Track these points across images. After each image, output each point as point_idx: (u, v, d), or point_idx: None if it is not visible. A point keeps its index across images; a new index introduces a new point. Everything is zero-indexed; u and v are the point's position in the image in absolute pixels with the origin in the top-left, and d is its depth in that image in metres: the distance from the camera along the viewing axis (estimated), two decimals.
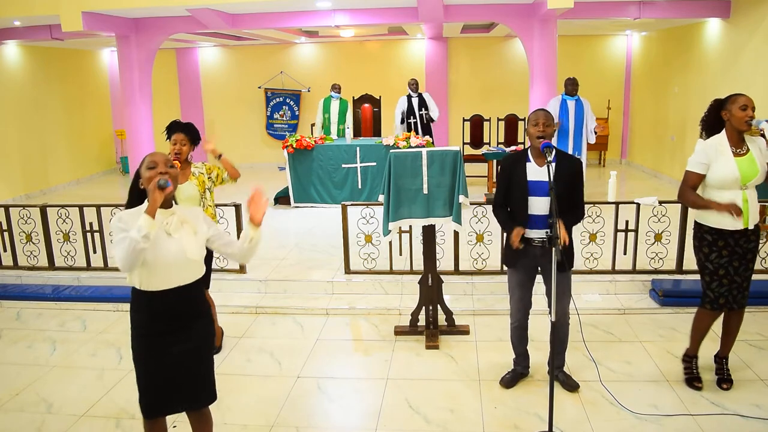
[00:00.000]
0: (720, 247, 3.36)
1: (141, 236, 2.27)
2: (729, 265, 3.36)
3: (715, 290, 3.41)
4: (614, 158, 11.47)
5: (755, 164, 3.27)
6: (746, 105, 3.25)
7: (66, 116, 10.57)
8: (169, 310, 2.48)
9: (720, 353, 3.64)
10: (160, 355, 2.50)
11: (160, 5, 6.71)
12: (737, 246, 3.34)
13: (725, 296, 3.40)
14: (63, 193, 9.85)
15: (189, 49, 11.87)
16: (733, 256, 3.35)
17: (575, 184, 3.32)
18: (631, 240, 5.06)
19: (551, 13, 6.84)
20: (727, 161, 3.27)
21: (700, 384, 3.55)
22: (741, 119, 3.25)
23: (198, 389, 2.61)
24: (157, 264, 2.41)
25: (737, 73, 7.19)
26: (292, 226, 7.32)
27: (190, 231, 2.49)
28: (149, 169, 2.45)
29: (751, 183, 3.28)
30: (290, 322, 4.78)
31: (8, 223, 5.68)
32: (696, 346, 3.62)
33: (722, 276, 3.38)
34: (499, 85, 11.39)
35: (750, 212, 3.29)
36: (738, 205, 3.20)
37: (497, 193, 3.50)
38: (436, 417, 3.39)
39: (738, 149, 3.31)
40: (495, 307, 4.84)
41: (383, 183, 4.30)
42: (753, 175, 3.26)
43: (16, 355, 4.35)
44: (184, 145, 3.84)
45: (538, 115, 3.28)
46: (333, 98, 9.24)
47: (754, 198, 3.33)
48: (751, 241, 3.36)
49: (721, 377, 3.58)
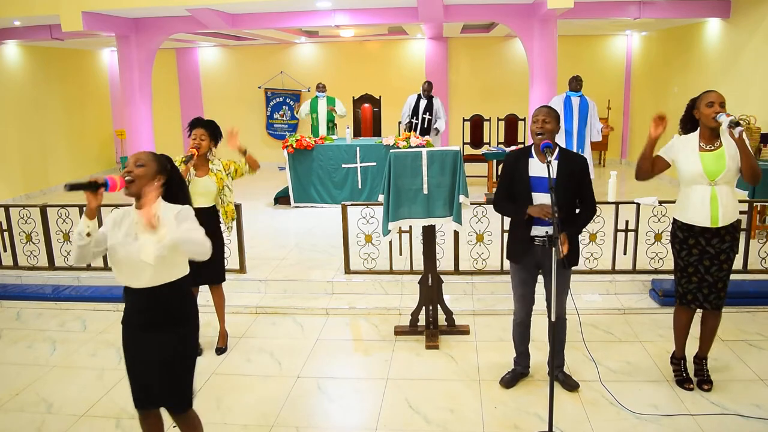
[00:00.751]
0: (690, 246, 3.40)
1: (77, 233, 2.39)
2: (699, 263, 3.39)
3: (684, 286, 3.47)
4: (614, 158, 11.47)
5: (723, 160, 3.26)
6: (713, 101, 3.26)
7: (66, 116, 10.57)
8: (140, 309, 2.52)
9: (698, 354, 3.65)
10: (134, 348, 2.55)
11: (160, 5, 6.72)
12: (708, 245, 3.36)
13: (693, 293, 3.44)
14: (63, 193, 9.82)
15: (189, 49, 11.87)
16: (703, 255, 3.37)
17: (580, 182, 3.31)
18: (631, 240, 5.06)
19: (551, 13, 6.85)
20: (690, 156, 3.32)
21: (691, 385, 3.56)
22: (707, 116, 3.27)
23: (168, 390, 2.57)
24: (120, 264, 2.49)
25: (737, 73, 7.19)
26: (292, 226, 7.32)
27: (149, 235, 2.40)
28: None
29: (720, 179, 3.26)
30: (290, 322, 4.78)
31: (8, 223, 5.68)
32: (680, 347, 3.65)
33: (691, 273, 3.42)
34: (499, 85, 11.39)
35: (720, 210, 3.27)
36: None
37: (498, 188, 3.49)
38: (436, 417, 3.39)
39: (709, 145, 3.31)
40: (495, 307, 4.84)
41: (383, 183, 4.30)
42: (719, 171, 3.25)
43: (16, 355, 4.35)
44: (203, 140, 4.02)
45: (539, 112, 3.28)
46: (319, 97, 9.21)
47: (726, 195, 3.29)
48: (725, 241, 3.35)
49: (701, 378, 3.59)
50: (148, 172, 2.48)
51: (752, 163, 3.20)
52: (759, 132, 6.30)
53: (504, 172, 3.47)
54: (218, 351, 4.25)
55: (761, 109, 6.61)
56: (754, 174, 3.21)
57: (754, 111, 6.51)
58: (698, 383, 3.57)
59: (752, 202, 5.08)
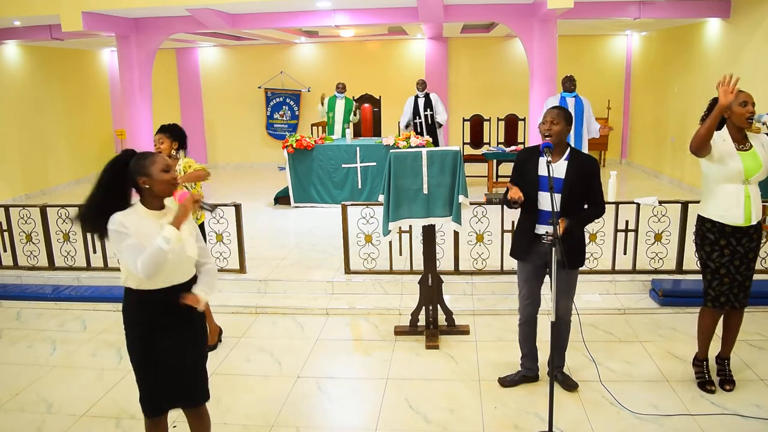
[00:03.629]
0: (722, 246, 3.35)
1: (168, 247, 2.34)
2: (730, 264, 3.36)
3: (716, 288, 3.41)
4: (614, 158, 11.47)
5: (759, 159, 3.26)
6: (746, 101, 3.23)
7: (66, 116, 10.56)
8: (165, 308, 2.51)
9: (721, 354, 3.63)
10: (156, 352, 2.52)
11: (160, 5, 6.71)
12: (739, 245, 3.34)
13: (726, 294, 3.40)
14: (63, 193, 9.85)
15: (189, 49, 11.87)
16: (734, 255, 3.35)
17: (589, 184, 3.30)
18: (631, 240, 5.06)
19: (551, 13, 6.85)
20: (730, 154, 3.25)
21: (713, 387, 3.52)
22: (742, 115, 3.22)
23: (193, 385, 2.66)
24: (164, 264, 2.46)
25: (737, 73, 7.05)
26: (292, 226, 7.32)
27: (187, 230, 2.51)
28: (165, 172, 2.49)
29: (753, 178, 3.26)
30: (290, 322, 4.78)
31: (8, 223, 5.68)
32: (705, 349, 3.60)
33: (723, 275, 3.38)
34: (499, 85, 11.39)
35: (752, 209, 3.28)
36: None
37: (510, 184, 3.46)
38: (436, 417, 3.39)
39: (741, 145, 3.29)
40: (495, 307, 4.84)
41: (383, 183, 4.30)
42: (756, 169, 3.25)
43: (16, 355, 4.35)
44: (162, 143, 4.18)
45: (548, 113, 3.28)
46: (338, 97, 9.22)
47: (756, 194, 3.31)
48: (753, 240, 3.36)
49: (723, 378, 3.57)
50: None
51: None
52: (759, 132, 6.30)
53: (515, 169, 3.45)
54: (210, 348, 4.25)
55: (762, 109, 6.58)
56: None
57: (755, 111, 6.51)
58: (720, 383, 3.55)
59: None
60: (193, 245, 2.56)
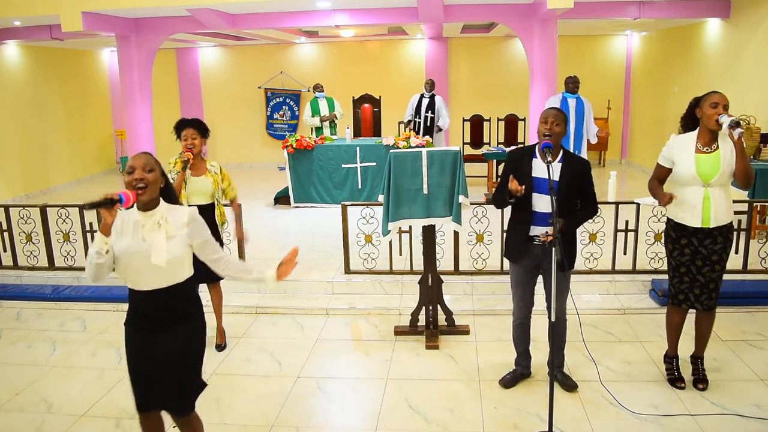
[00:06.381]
0: (682, 245, 3.41)
1: (95, 252, 2.34)
2: (691, 263, 3.41)
3: (675, 286, 3.50)
4: (614, 158, 11.47)
5: (718, 163, 3.26)
6: (717, 102, 3.23)
7: (66, 116, 10.56)
8: (146, 311, 2.49)
9: (694, 353, 3.66)
10: (139, 350, 2.52)
11: (160, 5, 6.71)
12: (701, 246, 3.37)
13: (685, 293, 3.47)
14: (63, 193, 9.85)
15: (189, 49, 11.87)
16: (696, 255, 3.39)
17: (583, 185, 3.32)
18: (631, 240, 5.06)
19: (551, 13, 6.85)
20: (686, 157, 3.31)
21: (683, 384, 3.58)
22: (710, 117, 3.24)
23: (168, 394, 2.55)
24: (128, 268, 2.45)
25: (737, 73, 7.19)
26: (292, 226, 7.32)
27: (163, 235, 2.42)
28: (127, 174, 2.43)
29: (714, 181, 3.26)
30: (290, 322, 4.78)
31: (8, 223, 5.68)
32: (673, 346, 3.67)
33: (683, 273, 3.45)
34: (499, 85, 11.39)
35: (712, 212, 3.28)
36: (670, 196, 3.31)
37: (498, 185, 3.48)
38: (436, 417, 3.39)
39: (706, 147, 3.31)
40: (495, 307, 4.84)
41: (383, 183, 4.30)
42: (713, 173, 3.25)
43: (16, 355, 4.35)
44: (195, 139, 4.01)
45: (548, 113, 3.28)
46: (318, 98, 9.18)
47: (721, 197, 3.30)
48: (718, 243, 3.36)
49: (696, 377, 3.60)
50: (157, 176, 2.47)
51: (746, 167, 3.22)
52: (759, 132, 6.30)
53: (506, 169, 3.45)
54: (218, 348, 4.27)
55: (761, 109, 6.60)
56: (747, 177, 3.23)
57: (754, 111, 6.51)
58: (693, 382, 3.59)
59: (752, 202, 5.08)
60: (161, 253, 2.40)
